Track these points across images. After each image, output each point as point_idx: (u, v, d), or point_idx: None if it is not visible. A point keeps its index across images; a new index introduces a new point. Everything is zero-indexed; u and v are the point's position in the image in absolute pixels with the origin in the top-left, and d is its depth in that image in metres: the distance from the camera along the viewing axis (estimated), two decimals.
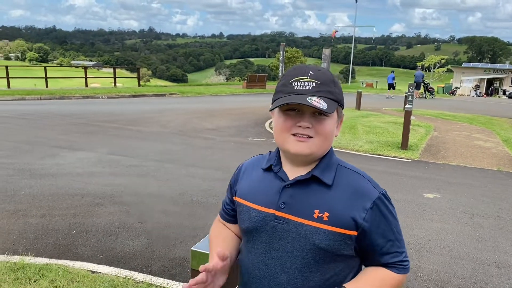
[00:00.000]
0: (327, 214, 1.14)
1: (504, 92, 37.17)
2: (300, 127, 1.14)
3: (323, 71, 1.19)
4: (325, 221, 1.14)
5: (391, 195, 1.23)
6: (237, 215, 1.34)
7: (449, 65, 42.49)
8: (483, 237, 4.72)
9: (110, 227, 4.49)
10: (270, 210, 1.21)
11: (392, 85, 25.42)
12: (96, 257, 3.84)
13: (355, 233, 1.15)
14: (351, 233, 1.15)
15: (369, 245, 1.18)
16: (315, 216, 1.15)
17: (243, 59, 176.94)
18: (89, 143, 8.75)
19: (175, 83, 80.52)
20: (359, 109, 16.29)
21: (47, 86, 22.35)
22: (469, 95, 36.56)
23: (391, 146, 9.55)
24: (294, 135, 1.15)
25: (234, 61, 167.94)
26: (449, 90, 37.56)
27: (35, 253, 3.84)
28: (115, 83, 25.51)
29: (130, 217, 4.79)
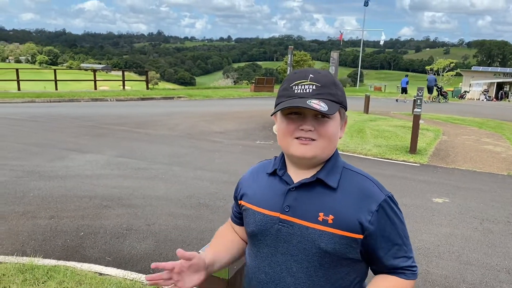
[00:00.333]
0: (332, 216, 1.13)
1: None
2: (302, 130, 1.14)
3: (324, 73, 1.18)
4: (330, 224, 1.13)
5: (400, 199, 1.22)
6: (243, 218, 1.35)
7: (458, 69, 42.13)
8: (493, 243, 4.66)
9: (118, 229, 4.50)
10: (274, 213, 1.20)
11: (405, 89, 25.30)
12: (103, 259, 3.85)
13: (360, 237, 1.14)
14: (357, 236, 1.13)
15: (375, 249, 1.16)
16: (320, 219, 1.14)
17: (251, 62, 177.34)
18: (98, 145, 8.81)
19: (183, 86, 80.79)
20: (368, 112, 16.23)
21: (56, 88, 22.55)
22: (479, 99, 36.27)
23: (400, 150, 9.49)
24: (297, 138, 1.15)
25: (242, 64, 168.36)
26: (458, 94, 37.31)
27: (44, 254, 3.86)
28: (124, 86, 25.67)
29: (137, 219, 4.81)
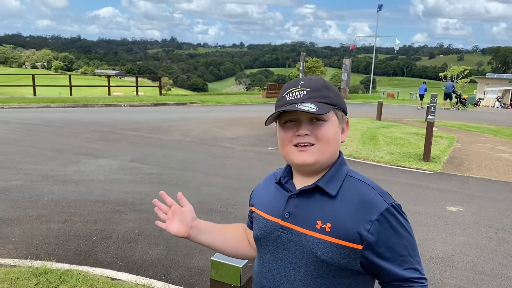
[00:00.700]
0: (329, 225, 1.11)
1: None
2: (299, 136, 1.14)
3: (315, 79, 1.19)
4: (327, 232, 1.11)
5: (413, 207, 1.20)
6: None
7: (472, 76, 41.73)
8: (509, 253, 4.58)
9: (130, 234, 4.53)
10: (276, 219, 1.21)
11: (423, 96, 25.10)
12: (116, 264, 3.87)
13: (359, 247, 1.09)
14: (355, 246, 1.10)
15: (378, 260, 1.11)
16: (318, 226, 1.12)
17: (263, 69, 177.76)
18: (111, 150, 8.89)
19: (195, 92, 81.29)
20: (380, 119, 16.13)
21: (71, 94, 22.88)
22: (493, 106, 35.79)
23: (413, 157, 9.40)
24: (296, 146, 1.15)
25: (254, 71, 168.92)
26: (472, 101, 36.84)
27: (57, 258, 3.90)
28: (137, 91, 25.92)
29: (149, 224, 4.83)
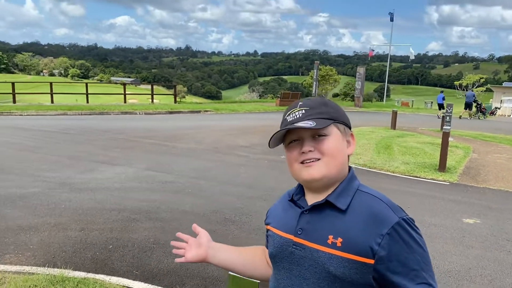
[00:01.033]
0: (340, 239, 1.12)
1: None
2: (304, 153, 1.17)
3: (313, 99, 1.24)
4: (338, 247, 1.12)
5: (429, 219, 1.20)
6: None
7: (488, 85, 41.13)
8: None
9: (145, 243, 4.57)
10: (289, 236, 1.22)
11: (442, 105, 24.89)
12: (131, 272, 3.91)
13: (371, 261, 1.10)
14: (367, 261, 1.10)
15: (390, 275, 1.10)
16: (329, 242, 1.13)
17: (276, 77, 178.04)
18: (127, 158, 9.00)
19: (209, 100, 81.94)
20: (395, 128, 16.02)
21: (87, 101, 23.22)
22: (510, 116, 35.23)
23: (428, 167, 9.30)
24: (302, 163, 1.18)
25: (267, 79, 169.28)
26: (488, 110, 36.33)
27: (74, 266, 3.95)
28: (153, 99, 26.19)
29: (164, 233, 4.87)
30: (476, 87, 37.70)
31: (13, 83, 22.63)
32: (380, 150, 11.09)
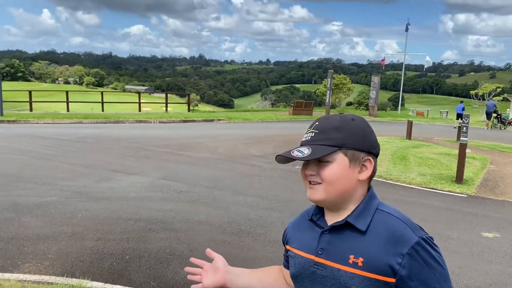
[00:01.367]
0: (361, 259, 1.14)
1: None
2: (307, 175, 1.22)
3: (331, 119, 1.23)
4: (360, 266, 1.14)
5: (447, 232, 1.18)
6: None
7: (505, 94, 40.53)
8: None
9: (161, 254, 4.58)
10: (310, 256, 1.24)
11: (461, 115, 24.63)
12: (148, 283, 3.92)
13: (392, 280, 1.12)
14: (388, 279, 1.12)
15: None
16: (350, 261, 1.15)
17: (289, 85, 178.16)
18: (142, 167, 9.06)
19: (222, 108, 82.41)
20: (410, 138, 15.87)
21: (103, 110, 23.52)
22: None
23: (445, 179, 9.18)
24: (310, 182, 1.22)
25: (279, 87, 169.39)
26: (507, 120, 35.80)
27: (91, 276, 3.97)
28: (167, 108, 26.41)
29: (180, 244, 4.87)
30: (492, 97, 37.23)
31: (30, 92, 23.06)
32: (396, 161, 10.99)
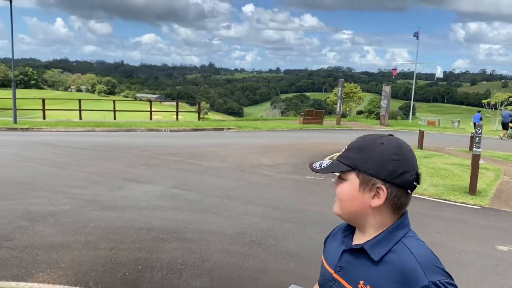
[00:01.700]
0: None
1: None
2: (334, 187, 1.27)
3: (365, 138, 1.23)
4: None
5: (460, 245, 1.17)
6: None
7: None
8: None
9: (173, 264, 4.59)
10: (331, 270, 1.28)
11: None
12: None
13: None
14: None
15: None
16: (360, 286, 1.17)
17: (299, 93, 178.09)
18: (153, 176, 9.11)
19: (231, 117, 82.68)
20: (422, 148, 15.74)
21: (115, 118, 23.74)
22: None
23: (458, 190, 9.08)
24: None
25: (289, 95, 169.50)
26: None
27: (105, 286, 3.99)
28: (177, 116, 26.57)
29: (192, 254, 4.88)
30: (505, 106, 36.85)
31: (43, 100, 23.39)
32: None
